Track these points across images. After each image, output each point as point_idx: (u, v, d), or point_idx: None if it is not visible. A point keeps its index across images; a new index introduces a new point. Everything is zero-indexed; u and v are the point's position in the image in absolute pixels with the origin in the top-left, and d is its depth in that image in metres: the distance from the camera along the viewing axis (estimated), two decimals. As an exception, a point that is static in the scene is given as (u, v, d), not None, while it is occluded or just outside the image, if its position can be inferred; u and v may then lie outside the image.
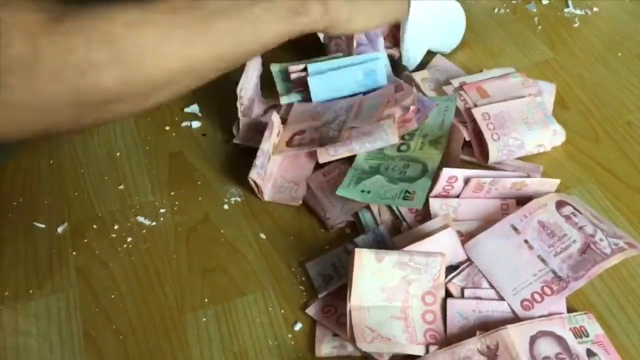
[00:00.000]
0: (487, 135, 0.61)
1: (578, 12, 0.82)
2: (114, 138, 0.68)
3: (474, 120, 0.63)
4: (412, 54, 0.71)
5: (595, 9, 0.82)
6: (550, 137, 0.64)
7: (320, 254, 0.56)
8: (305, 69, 0.65)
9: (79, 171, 0.66)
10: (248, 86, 0.65)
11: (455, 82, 0.68)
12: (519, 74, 0.69)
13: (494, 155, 0.61)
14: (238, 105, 0.64)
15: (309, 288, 0.54)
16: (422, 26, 0.69)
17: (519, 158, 0.63)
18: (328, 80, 0.64)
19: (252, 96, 0.67)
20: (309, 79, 0.64)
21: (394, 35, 0.72)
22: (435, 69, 0.73)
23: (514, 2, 0.84)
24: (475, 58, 0.76)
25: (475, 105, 0.64)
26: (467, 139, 0.63)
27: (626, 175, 0.62)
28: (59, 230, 0.60)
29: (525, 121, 0.63)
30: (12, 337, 0.53)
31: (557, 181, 0.57)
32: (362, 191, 0.57)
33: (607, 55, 0.75)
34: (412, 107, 0.61)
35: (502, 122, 0.63)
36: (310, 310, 0.52)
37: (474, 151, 0.63)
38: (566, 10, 0.82)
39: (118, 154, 0.67)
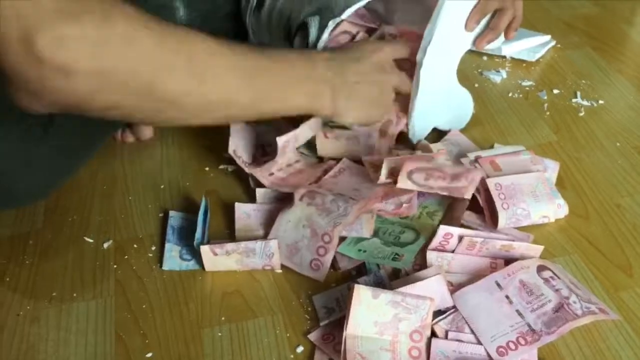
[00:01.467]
0: (498, 204, 0.68)
1: (585, 102, 0.90)
2: (159, 173, 0.78)
3: (487, 190, 0.71)
4: (417, 129, 0.78)
5: (601, 102, 0.91)
6: (555, 210, 0.71)
7: (327, 289, 0.64)
8: None
9: (127, 198, 0.75)
10: (240, 144, 0.75)
11: (471, 156, 0.76)
12: (528, 152, 0.77)
13: (502, 222, 0.68)
14: (240, 163, 0.73)
15: (313, 317, 0.62)
16: (431, 104, 0.76)
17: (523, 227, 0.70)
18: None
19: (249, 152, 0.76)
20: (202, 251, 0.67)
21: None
22: (450, 142, 0.81)
23: (527, 88, 0.93)
24: (486, 134, 0.84)
25: (488, 177, 0.72)
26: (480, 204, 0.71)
27: (610, 251, 0.68)
28: (105, 245, 0.69)
29: (533, 194, 0.71)
30: (54, 332, 0.61)
31: (541, 247, 0.65)
32: (359, 250, 0.64)
33: (607, 143, 0.83)
34: (404, 205, 0.68)
35: (512, 193, 0.70)
36: (312, 336, 0.59)
37: (485, 216, 0.70)
38: (574, 100, 0.91)
39: (162, 186, 0.77)
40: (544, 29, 1.04)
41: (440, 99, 0.78)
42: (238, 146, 0.74)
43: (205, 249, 0.64)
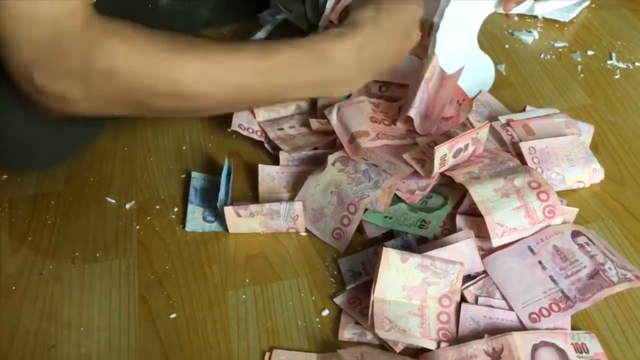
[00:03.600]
0: (531, 167, 0.65)
1: (620, 64, 0.87)
2: (181, 133, 0.77)
3: (520, 154, 0.68)
4: None
5: (637, 64, 0.87)
6: (590, 174, 0.68)
7: (354, 252, 0.62)
8: None
9: (149, 159, 0.74)
10: (244, 117, 0.74)
11: (503, 119, 0.73)
12: (563, 114, 0.74)
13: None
14: (248, 134, 0.73)
15: (339, 281, 0.60)
16: (448, 69, 0.70)
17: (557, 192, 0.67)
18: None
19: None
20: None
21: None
22: (480, 103, 0.78)
23: (560, 50, 0.90)
24: (517, 97, 0.81)
25: (521, 141, 0.70)
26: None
27: (646, 217, 0.66)
28: (127, 206, 0.68)
29: (567, 158, 0.68)
30: (77, 291, 0.61)
31: (576, 210, 0.62)
32: (385, 217, 0.62)
33: (643, 107, 0.80)
34: (417, 192, 0.65)
35: (546, 157, 0.68)
36: (338, 300, 0.58)
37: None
38: (609, 62, 0.87)
39: (184, 147, 0.75)
40: (578, -12, 1.00)
41: (458, 65, 0.73)
42: (243, 120, 0.73)
43: (229, 210, 0.62)
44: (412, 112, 0.66)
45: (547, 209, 0.60)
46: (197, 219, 0.66)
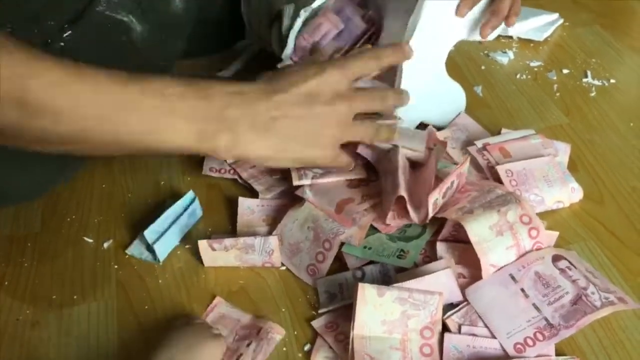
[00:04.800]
0: (510, 189, 0.66)
1: (596, 82, 0.87)
2: (159, 168, 0.76)
3: (497, 178, 0.68)
4: (404, 124, 0.72)
5: (612, 81, 0.88)
6: (569, 194, 0.69)
7: (333, 274, 0.62)
8: None
9: (127, 196, 0.73)
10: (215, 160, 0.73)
11: (479, 144, 0.73)
12: (538, 135, 0.74)
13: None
14: (220, 175, 0.72)
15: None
16: (416, 98, 0.67)
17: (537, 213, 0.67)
18: (170, 237, 0.66)
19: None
20: (154, 247, 0.64)
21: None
22: (457, 128, 0.78)
23: (535, 69, 0.90)
24: (494, 118, 0.82)
25: (497, 164, 0.70)
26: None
27: (626, 236, 0.66)
28: (105, 245, 0.67)
29: (545, 179, 0.69)
30: (55, 336, 0.59)
31: (556, 234, 0.62)
32: (364, 247, 0.62)
33: (620, 124, 0.80)
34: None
35: (524, 179, 0.68)
36: (315, 323, 0.58)
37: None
38: (584, 80, 0.88)
39: (162, 182, 0.75)
40: (551, 7, 1.01)
41: (428, 93, 0.72)
42: (214, 163, 0.73)
43: (203, 244, 0.62)
44: (402, 192, 0.60)
45: (536, 245, 0.60)
46: (141, 245, 0.66)
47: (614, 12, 1.03)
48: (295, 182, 0.65)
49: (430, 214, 0.60)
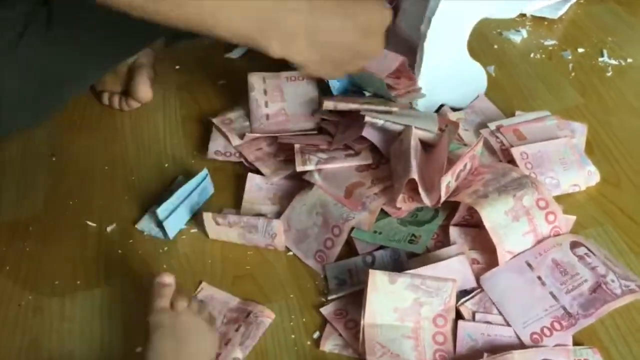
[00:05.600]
0: (525, 172, 0.63)
1: (612, 61, 0.85)
2: (163, 149, 0.74)
3: (511, 160, 0.66)
4: (422, 107, 0.72)
5: (629, 60, 0.85)
6: (586, 177, 0.67)
7: (342, 259, 0.60)
8: None
9: (130, 178, 0.71)
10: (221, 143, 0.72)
11: (492, 125, 0.71)
12: (554, 117, 0.72)
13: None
14: (226, 158, 0.71)
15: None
16: (437, 80, 0.68)
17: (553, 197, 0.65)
18: (181, 214, 0.65)
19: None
20: (164, 223, 0.63)
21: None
22: (472, 111, 0.75)
23: (550, 48, 0.88)
24: (507, 99, 0.79)
25: (512, 146, 0.68)
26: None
27: (645, 220, 0.64)
28: (108, 229, 0.66)
29: (561, 161, 0.66)
30: (58, 322, 0.58)
31: (574, 218, 0.60)
32: (375, 232, 0.60)
33: (637, 104, 0.78)
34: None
35: (539, 162, 0.66)
36: (325, 310, 0.56)
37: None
38: (600, 59, 0.85)
39: (166, 164, 0.73)
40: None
41: (448, 75, 0.71)
42: (219, 146, 0.71)
43: (207, 216, 0.61)
44: (414, 174, 0.58)
45: (554, 230, 0.58)
46: (150, 220, 0.65)
47: (630, -12, 0.99)
48: (299, 168, 0.63)
49: (443, 197, 0.58)
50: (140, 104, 0.79)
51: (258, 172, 0.68)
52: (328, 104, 0.65)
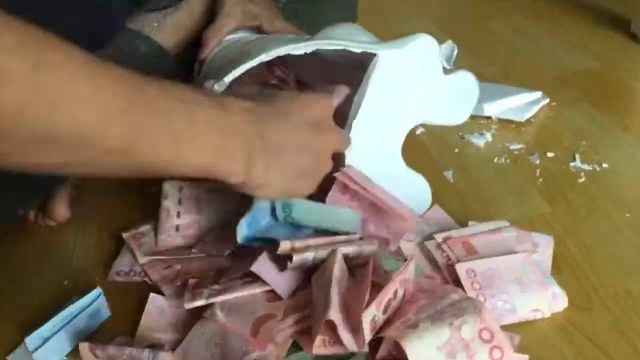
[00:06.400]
0: (471, 295, 0.54)
1: (585, 166, 0.76)
2: (66, 267, 0.66)
3: (456, 280, 0.56)
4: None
5: (604, 165, 0.76)
6: (549, 300, 0.56)
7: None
8: None
9: (21, 297, 0.62)
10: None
11: (439, 237, 0.62)
12: (512, 228, 0.63)
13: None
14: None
15: None
16: None
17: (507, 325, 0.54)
18: (58, 343, 0.55)
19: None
20: (34, 355, 0.52)
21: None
22: (423, 221, 0.66)
23: (516, 152, 0.80)
24: (466, 207, 0.70)
25: (459, 261, 0.58)
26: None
27: (620, 354, 0.52)
28: (-21, 361, 0.56)
29: (518, 281, 0.56)
30: None
31: (526, 357, 0.49)
32: None
33: (613, 213, 0.68)
34: None
35: (489, 282, 0.56)
36: None
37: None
38: (572, 164, 0.77)
39: (65, 282, 0.64)
40: (535, 86, 0.91)
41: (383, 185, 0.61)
42: (125, 264, 0.63)
43: (84, 347, 0.51)
44: (333, 314, 0.48)
45: None
46: (26, 353, 0.53)
47: (606, 90, 0.93)
48: (188, 305, 0.53)
49: (368, 337, 0.48)
50: (54, 224, 0.72)
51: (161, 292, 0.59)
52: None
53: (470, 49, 0.99)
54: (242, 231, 0.54)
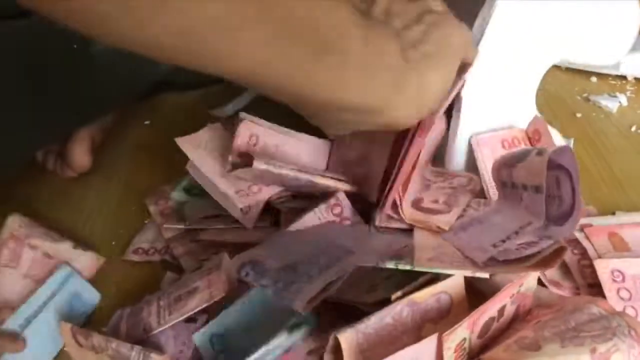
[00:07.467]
0: (616, 306, 0.38)
1: None
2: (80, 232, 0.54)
3: (591, 285, 0.40)
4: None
5: None
6: None
7: None
8: None
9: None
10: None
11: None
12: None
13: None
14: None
15: None
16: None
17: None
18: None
19: None
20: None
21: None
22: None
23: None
24: (597, 189, 0.53)
25: (600, 257, 0.42)
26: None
27: None
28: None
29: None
30: None
31: None
32: None
33: None
34: None
35: (645, 291, 0.39)
36: None
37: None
38: None
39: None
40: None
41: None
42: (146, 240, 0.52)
43: (65, 328, 0.40)
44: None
45: None
46: None
47: None
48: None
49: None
50: (75, 174, 0.60)
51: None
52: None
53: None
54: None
